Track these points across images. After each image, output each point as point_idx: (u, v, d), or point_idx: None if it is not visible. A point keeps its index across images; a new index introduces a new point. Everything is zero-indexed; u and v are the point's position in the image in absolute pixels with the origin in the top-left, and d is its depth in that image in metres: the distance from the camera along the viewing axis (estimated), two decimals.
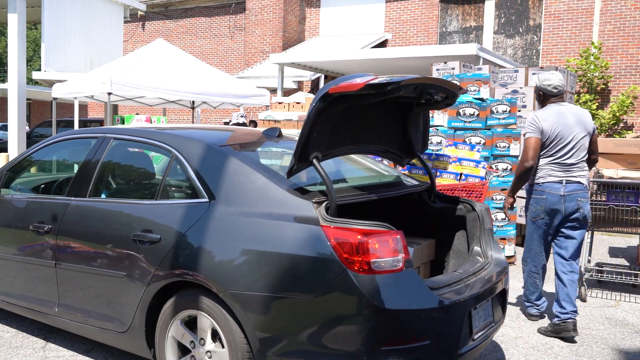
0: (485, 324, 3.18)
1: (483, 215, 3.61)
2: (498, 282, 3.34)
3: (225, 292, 2.88)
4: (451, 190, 5.73)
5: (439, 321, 2.80)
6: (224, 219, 3.01)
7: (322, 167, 2.93)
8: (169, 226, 3.18)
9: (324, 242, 2.71)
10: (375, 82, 2.80)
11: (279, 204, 2.91)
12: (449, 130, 6.47)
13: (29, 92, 19.32)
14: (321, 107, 2.87)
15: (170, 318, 3.19)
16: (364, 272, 2.65)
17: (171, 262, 3.10)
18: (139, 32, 20.89)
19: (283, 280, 2.76)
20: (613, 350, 4.19)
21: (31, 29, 36.76)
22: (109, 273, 3.40)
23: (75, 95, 10.73)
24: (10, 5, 11.30)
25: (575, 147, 4.45)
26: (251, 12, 17.88)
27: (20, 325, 4.44)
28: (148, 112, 16.89)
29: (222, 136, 3.63)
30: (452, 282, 3.06)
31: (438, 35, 15.96)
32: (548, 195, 4.45)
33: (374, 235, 2.70)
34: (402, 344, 2.69)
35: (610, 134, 13.32)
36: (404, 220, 3.92)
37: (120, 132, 3.85)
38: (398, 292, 2.70)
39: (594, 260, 6.32)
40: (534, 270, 4.69)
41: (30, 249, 3.88)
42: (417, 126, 3.70)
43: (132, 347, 3.43)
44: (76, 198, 3.73)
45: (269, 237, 2.84)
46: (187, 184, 3.32)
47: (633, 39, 13.48)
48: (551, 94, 4.59)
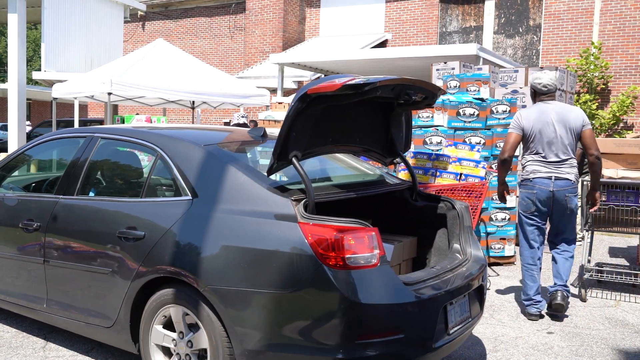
0: (461, 319, 3.26)
1: (463, 213, 3.71)
2: (475, 278, 3.42)
3: (206, 287, 2.97)
4: (451, 191, 5.73)
5: (413, 315, 2.88)
6: (206, 216, 3.09)
7: (301, 166, 3.02)
8: (152, 223, 3.27)
9: (301, 238, 2.78)
10: (353, 83, 2.86)
11: (259, 202, 3.00)
12: (449, 130, 6.47)
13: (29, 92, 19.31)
14: (300, 107, 2.95)
15: (154, 313, 3.26)
16: (339, 268, 2.73)
17: (154, 258, 3.19)
18: (139, 32, 20.89)
19: (261, 275, 2.84)
20: (613, 350, 4.19)
21: (31, 29, 36.75)
22: (96, 269, 3.49)
23: (75, 95, 10.73)
24: (10, 5, 11.29)
25: (555, 144, 4.65)
26: (251, 12, 17.89)
27: (20, 325, 4.44)
28: (148, 112, 16.88)
29: (206, 136, 3.72)
30: (428, 277, 3.14)
31: (438, 35, 15.97)
32: (538, 190, 4.67)
33: (350, 232, 2.78)
34: (376, 337, 2.76)
35: (610, 134, 13.32)
36: (387, 218, 3.99)
37: (107, 131, 3.94)
38: (372, 287, 2.77)
39: (594, 260, 6.32)
40: (530, 263, 4.83)
41: (20, 246, 3.96)
42: (399, 126, 3.79)
43: (117, 341, 3.51)
44: (64, 196, 3.82)
45: (248, 233, 2.92)
46: (171, 182, 3.40)
47: (633, 39, 13.49)
48: (540, 92, 4.80)
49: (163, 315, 3.26)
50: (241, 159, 3.44)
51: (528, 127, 4.71)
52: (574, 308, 5.15)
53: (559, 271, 4.82)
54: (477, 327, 4.56)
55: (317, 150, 3.38)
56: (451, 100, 6.53)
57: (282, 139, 3.00)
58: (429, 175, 5.99)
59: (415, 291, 2.94)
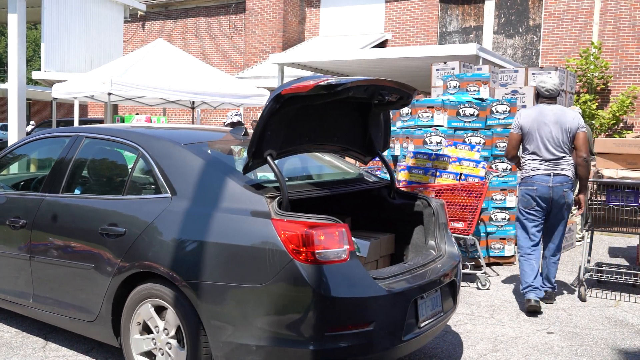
0: (433, 313, 3.36)
1: (438, 210, 3.80)
2: (447, 273, 3.51)
3: (182, 282, 3.07)
4: (451, 191, 5.73)
5: (382, 309, 2.97)
6: (183, 213, 3.20)
7: (275, 164, 3.12)
8: (133, 220, 3.39)
9: (274, 234, 2.89)
10: (325, 84, 2.94)
11: (235, 199, 3.10)
12: (449, 130, 6.46)
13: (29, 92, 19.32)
14: (275, 107, 3.04)
15: (134, 308, 3.36)
16: (309, 263, 2.83)
17: (134, 254, 3.30)
18: (139, 32, 20.89)
19: (236, 270, 2.94)
20: (613, 350, 4.19)
21: (31, 29, 36.75)
22: (79, 265, 3.60)
23: (75, 95, 10.72)
24: (10, 5, 11.29)
25: (551, 143, 4.96)
26: (251, 12, 17.88)
27: (20, 325, 4.44)
28: (148, 112, 16.88)
29: (187, 135, 3.84)
30: (399, 272, 3.26)
31: (438, 35, 15.96)
32: (538, 187, 4.97)
33: (320, 227, 2.89)
34: (346, 330, 2.87)
35: (610, 134, 13.32)
36: (366, 216, 4.11)
37: (91, 130, 4.07)
38: (342, 281, 2.88)
39: (593, 260, 6.33)
40: (528, 252, 5.08)
41: (7, 243, 4.07)
42: (377, 125, 3.88)
43: (100, 335, 3.62)
44: (49, 194, 3.94)
45: (224, 230, 3.03)
46: (151, 180, 3.51)
47: (633, 39, 13.48)
48: (542, 95, 5.12)
49: (137, 322, 3.38)
50: (220, 157, 3.55)
51: (526, 125, 5.03)
52: (574, 308, 5.16)
53: (548, 276, 5.22)
54: (477, 327, 4.56)
55: (293, 149, 3.48)
56: (451, 100, 6.53)
57: (257, 138, 3.10)
58: (429, 175, 5.99)
59: (385, 285, 3.05)
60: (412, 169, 6.06)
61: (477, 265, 6.15)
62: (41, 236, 3.85)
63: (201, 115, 18.13)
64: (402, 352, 3.18)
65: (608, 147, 5.70)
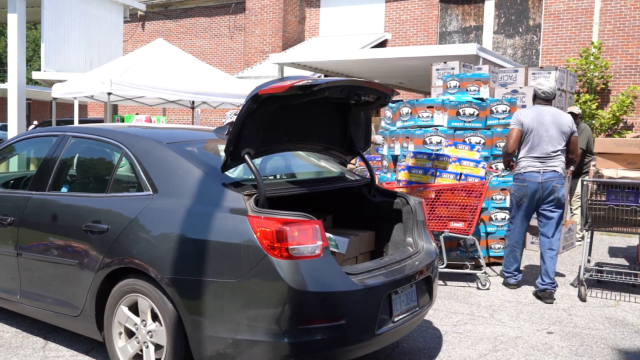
0: (408, 308, 3.45)
1: (416, 208, 3.91)
2: (423, 269, 3.61)
3: (162, 277, 3.16)
4: (451, 191, 5.73)
5: (354, 303, 3.06)
6: (164, 210, 3.30)
7: (253, 163, 3.21)
8: (115, 217, 3.48)
9: (249, 230, 2.98)
10: (300, 84, 3.01)
11: (213, 197, 3.20)
12: (449, 130, 6.46)
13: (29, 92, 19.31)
14: (252, 107, 3.11)
15: (116, 302, 3.45)
16: (283, 258, 2.92)
17: (117, 250, 3.39)
18: (138, 32, 20.88)
19: (213, 265, 3.03)
20: (613, 350, 4.19)
21: (31, 29, 36.73)
22: (64, 261, 3.69)
23: (75, 95, 10.72)
24: (10, 5, 11.29)
25: (546, 142, 5.32)
26: (251, 12, 17.88)
27: (20, 325, 4.44)
28: (148, 112, 16.87)
29: (171, 134, 3.94)
30: (374, 268, 3.35)
31: (438, 35, 15.96)
32: (529, 183, 5.33)
33: (294, 224, 2.98)
34: (318, 323, 2.96)
35: (610, 134, 13.31)
36: (347, 214, 4.21)
37: (77, 130, 4.18)
38: (315, 276, 2.97)
39: (593, 260, 6.33)
40: (515, 245, 5.58)
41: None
42: (357, 125, 3.96)
43: (84, 330, 3.70)
44: (37, 192, 4.03)
45: (202, 226, 3.11)
46: (134, 178, 3.60)
47: (633, 39, 13.48)
48: (539, 97, 5.47)
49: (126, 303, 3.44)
50: (200, 156, 3.62)
51: (527, 123, 5.35)
52: (574, 308, 5.16)
53: (547, 271, 5.36)
54: (477, 327, 4.56)
55: (272, 148, 3.56)
56: (451, 100, 6.53)
57: (235, 138, 3.17)
58: (428, 175, 5.98)
59: (358, 280, 3.13)
60: (412, 169, 6.06)
61: (477, 265, 6.15)
62: (28, 233, 3.94)
63: (201, 115, 18.11)
64: (376, 346, 3.28)
65: (608, 147, 5.70)
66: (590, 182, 5.47)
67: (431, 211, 5.73)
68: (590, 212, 5.47)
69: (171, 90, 10.25)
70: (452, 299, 5.32)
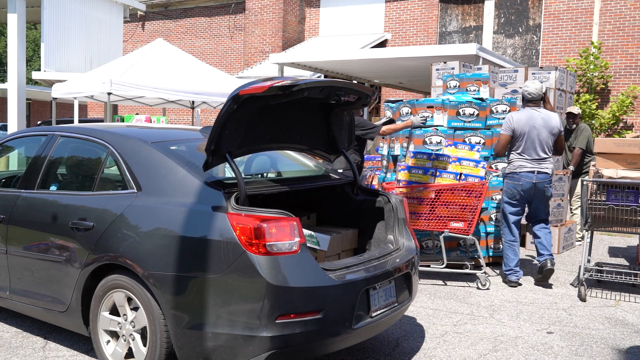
0: (386, 304, 3.53)
1: (397, 206, 3.99)
2: (402, 266, 3.70)
3: (145, 273, 3.25)
4: (451, 190, 5.73)
5: (331, 298, 3.15)
6: (147, 208, 3.39)
7: (233, 162, 3.29)
8: (100, 215, 3.57)
9: (229, 227, 3.07)
10: (279, 85, 3.09)
11: (195, 195, 3.28)
12: (449, 130, 6.46)
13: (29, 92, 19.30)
14: (233, 107, 3.17)
15: (101, 298, 3.54)
16: (261, 254, 3.01)
17: (101, 247, 3.49)
18: (138, 32, 20.88)
19: (194, 261, 3.13)
20: (613, 350, 4.19)
21: (31, 29, 36.73)
22: (52, 258, 3.78)
23: (75, 95, 10.71)
24: (10, 5, 11.28)
25: (538, 145, 5.65)
26: (251, 12, 17.88)
27: (20, 325, 4.44)
28: (148, 112, 16.87)
29: (157, 134, 4.02)
30: (352, 264, 3.44)
31: (438, 35, 15.96)
32: (524, 182, 5.66)
33: (272, 221, 3.07)
34: (295, 317, 3.04)
35: (610, 134, 13.31)
36: (332, 212, 4.29)
37: (65, 130, 4.27)
38: (292, 272, 3.06)
39: (593, 260, 6.32)
40: (512, 240, 5.80)
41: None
42: (340, 124, 4.02)
43: (71, 325, 3.79)
44: (26, 191, 4.12)
45: (184, 223, 3.21)
46: (119, 176, 3.68)
47: (633, 39, 13.48)
48: (526, 99, 5.76)
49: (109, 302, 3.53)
50: (184, 155, 3.69)
51: (518, 128, 5.66)
52: (574, 308, 5.16)
53: (543, 243, 5.74)
54: (477, 327, 4.56)
55: (253, 148, 3.65)
56: (451, 100, 6.53)
57: (215, 137, 3.24)
58: (428, 175, 5.99)
59: (336, 276, 3.22)
60: (412, 169, 6.06)
61: (477, 265, 6.15)
62: (17, 231, 4.03)
63: (201, 115, 18.11)
64: (353, 340, 3.36)
65: (608, 147, 5.70)
66: (590, 182, 5.47)
67: (431, 211, 5.73)
68: (590, 212, 5.47)
69: (171, 90, 10.25)
70: (452, 299, 5.32)
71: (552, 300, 5.39)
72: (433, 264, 5.97)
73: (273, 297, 2.98)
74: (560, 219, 7.67)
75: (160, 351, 3.26)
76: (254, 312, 2.99)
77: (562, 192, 7.73)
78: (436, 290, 5.62)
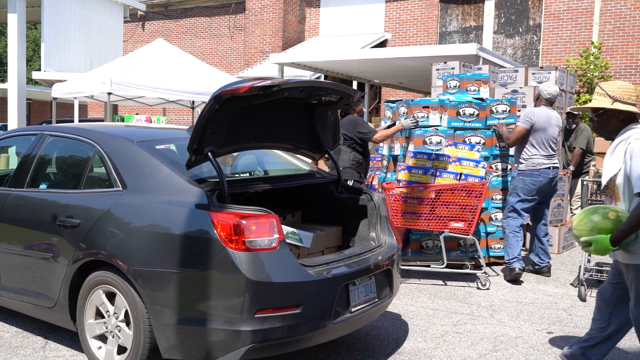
0: (366, 299, 3.61)
1: (379, 204, 4.06)
2: (382, 262, 3.77)
3: (128, 268, 3.33)
4: (451, 190, 5.73)
5: (309, 293, 3.24)
6: (132, 206, 3.48)
7: (215, 160, 3.35)
8: (87, 212, 3.66)
9: (210, 224, 3.15)
10: (260, 85, 3.16)
11: (178, 192, 3.37)
12: (449, 130, 6.46)
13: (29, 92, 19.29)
14: (214, 107, 3.24)
15: (87, 293, 3.63)
16: (240, 250, 3.09)
17: (87, 244, 3.58)
18: (138, 32, 20.88)
19: (176, 257, 3.21)
20: (613, 350, 4.19)
21: (31, 29, 36.73)
22: (40, 255, 3.88)
23: (75, 95, 10.72)
24: (10, 5, 11.29)
25: (552, 141, 5.97)
26: (251, 12, 17.88)
27: (20, 325, 4.44)
28: (148, 112, 16.87)
29: (143, 134, 4.12)
30: (332, 260, 3.52)
31: (438, 35, 15.96)
32: (542, 178, 5.88)
33: (251, 218, 3.15)
34: (274, 312, 3.12)
35: None
36: (317, 210, 4.38)
37: (54, 129, 4.37)
38: (271, 267, 3.15)
39: (593, 260, 6.31)
40: (517, 230, 5.93)
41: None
42: (324, 124, 4.09)
43: (59, 320, 3.87)
44: (15, 189, 4.21)
45: (167, 220, 3.29)
46: (105, 175, 3.76)
47: (633, 39, 13.48)
48: (545, 99, 6.03)
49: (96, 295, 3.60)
50: (168, 154, 3.80)
51: (538, 124, 5.87)
52: (574, 308, 5.16)
53: (545, 250, 6.15)
54: (477, 327, 4.56)
55: (237, 147, 3.72)
56: (451, 100, 6.53)
57: (198, 136, 3.30)
58: (428, 175, 5.98)
59: (315, 272, 3.30)
60: (412, 169, 6.06)
61: (477, 265, 6.15)
62: (7, 228, 4.12)
63: None
64: (333, 334, 3.45)
65: (608, 147, 5.69)
66: (590, 182, 5.47)
67: (431, 211, 5.73)
68: None
69: (171, 90, 10.26)
70: (452, 299, 5.32)
71: (552, 300, 5.38)
72: (433, 264, 5.97)
73: (252, 292, 3.06)
74: (560, 219, 7.67)
75: (144, 346, 3.33)
76: (234, 307, 3.07)
77: (562, 192, 7.73)
78: (436, 290, 5.62)
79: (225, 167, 4.27)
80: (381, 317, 4.71)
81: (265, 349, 3.16)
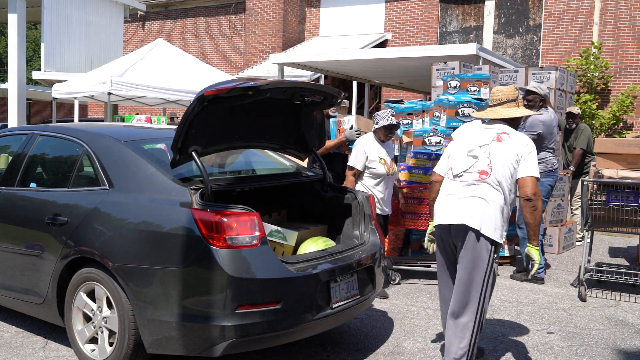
0: (348, 296, 3.67)
1: (363, 203, 4.12)
2: (365, 260, 3.84)
3: (114, 265, 3.40)
4: None
5: (290, 289, 3.30)
6: (117, 203, 3.55)
7: (199, 160, 3.40)
8: (74, 210, 3.73)
9: (192, 222, 3.22)
10: (242, 86, 3.22)
11: (163, 191, 3.44)
12: (448, 130, 6.46)
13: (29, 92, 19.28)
14: (198, 107, 3.29)
15: (75, 290, 3.69)
16: (221, 247, 3.16)
17: (75, 241, 3.65)
18: (139, 32, 20.89)
19: (159, 254, 3.28)
20: (613, 350, 4.19)
21: (31, 29, 36.72)
22: (29, 252, 3.94)
23: (75, 95, 10.72)
24: (10, 5, 11.30)
25: (555, 141, 6.13)
26: (251, 12, 17.88)
27: (20, 325, 4.44)
28: (148, 112, 16.87)
29: (131, 133, 4.19)
30: (314, 258, 3.58)
31: (438, 35, 15.96)
32: (556, 177, 6.10)
33: (232, 216, 3.22)
34: (254, 307, 3.19)
35: (610, 134, 13.30)
36: (303, 208, 4.44)
37: (44, 129, 4.44)
38: (252, 264, 3.21)
39: (593, 260, 6.32)
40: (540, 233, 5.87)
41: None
42: (310, 124, 4.14)
43: (47, 316, 3.95)
44: (6, 187, 4.28)
45: (151, 218, 3.37)
46: (93, 173, 3.83)
47: (633, 39, 13.48)
48: (545, 99, 6.04)
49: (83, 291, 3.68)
50: (155, 153, 3.86)
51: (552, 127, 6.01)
52: (574, 308, 5.16)
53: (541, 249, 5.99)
54: None
55: (222, 146, 3.77)
56: (450, 100, 6.53)
57: (182, 136, 3.36)
58: (429, 175, 5.98)
59: (295, 268, 3.37)
60: (412, 169, 6.06)
61: None
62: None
63: None
64: (314, 330, 3.52)
65: (608, 147, 5.70)
66: (590, 182, 5.47)
67: None
68: (590, 212, 5.47)
69: (171, 90, 10.26)
70: None
71: (552, 300, 5.38)
72: (433, 264, 5.97)
73: (233, 288, 3.13)
74: (560, 219, 7.66)
75: (129, 341, 3.39)
76: (215, 303, 3.13)
77: (563, 192, 7.73)
78: (436, 290, 5.61)
79: (213, 166, 4.33)
80: (381, 317, 4.71)
81: (246, 343, 3.23)
